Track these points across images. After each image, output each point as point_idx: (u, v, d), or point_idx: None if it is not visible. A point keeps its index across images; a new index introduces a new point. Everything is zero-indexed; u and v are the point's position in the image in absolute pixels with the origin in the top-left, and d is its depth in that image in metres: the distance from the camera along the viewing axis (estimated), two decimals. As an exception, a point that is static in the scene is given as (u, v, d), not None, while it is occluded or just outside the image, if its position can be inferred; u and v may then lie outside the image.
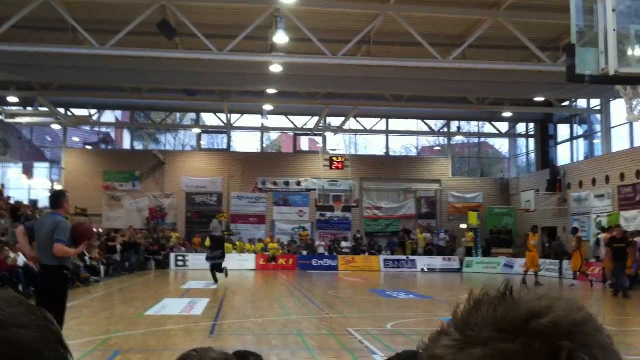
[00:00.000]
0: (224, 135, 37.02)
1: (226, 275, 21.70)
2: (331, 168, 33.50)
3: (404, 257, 33.08)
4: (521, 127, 37.58)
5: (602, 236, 24.35)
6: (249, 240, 33.71)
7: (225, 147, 37.04)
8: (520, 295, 0.67)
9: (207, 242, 23.62)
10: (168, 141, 37.87)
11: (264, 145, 37.71)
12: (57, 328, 0.66)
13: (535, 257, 22.42)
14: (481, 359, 0.61)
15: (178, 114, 37.70)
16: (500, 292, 0.67)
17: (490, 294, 0.68)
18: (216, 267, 21.77)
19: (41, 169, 36.13)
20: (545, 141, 35.64)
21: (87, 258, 22.29)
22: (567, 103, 31.83)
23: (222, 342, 9.55)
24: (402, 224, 35.87)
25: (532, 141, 37.05)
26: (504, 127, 37.62)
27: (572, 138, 32.91)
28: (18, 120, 30.92)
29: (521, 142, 38.29)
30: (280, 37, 18.07)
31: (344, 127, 33.98)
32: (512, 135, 37.92)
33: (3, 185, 31.62)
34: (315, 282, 24.16)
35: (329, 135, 35.45)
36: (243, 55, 20.14)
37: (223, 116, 34.52)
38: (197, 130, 36.46)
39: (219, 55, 19.32)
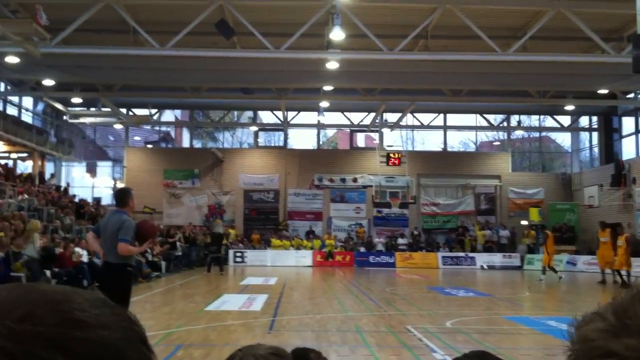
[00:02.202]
0: (280, 132, 37.27)
1: (221, 271, 24.68)
2: (388, 164, 33.30)
3: (462, 254, 32.66)
4: (584, 121, 36.58)
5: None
6: (306, 237, 33.88)
7: (282, 144, 37.28)
8: None
9: (209, 239, 27.27)
10: (226, 139, 38.34)
11: (321, 142, 37.79)
12: (141, 329, 0.67)
13: (605, 254, 21.64)
14: (634, 350, 0.60)
15: (235, 112, 38.17)
16: None
17: None
18: (215, 261, 25.02)
19: (104, 167, 37.11)
20: (609, 134, 34.62)
21: (148, 255, 22.78)
22: (631, 95, 30.82)
23: (281, 338, 9.60)
24: (461, 221, 35.42)
25: (595, 135, 36.07)
26: (566, 120, 36.70)
27: (637, 131, 31.82)
28: (82, 120, 31.89)
29: (584, 135, 37.31)
30: (337, 34, 18.04)
31: (401, 123, 33.74)
32: (574, 129, 36.95)
33: (68, 184, 32.64)
34: (372, 279, 24.07)
35: (385, 131, 35.26)
36: (299, 53, 20.21)
37: (280, 114, 34.76)
38: (254, 128, 36.83)
39: (276, 53, 19.44)
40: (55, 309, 0.61)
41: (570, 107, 31.99)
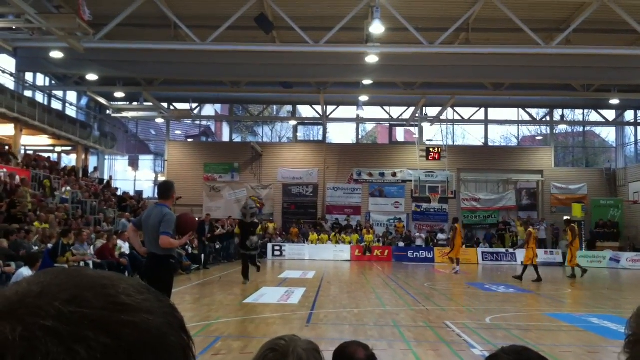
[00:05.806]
0: (319, 126, 37.30)
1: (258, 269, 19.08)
2: (427, 159, 33.07)
3: (503, 250, 32.23)
4: (629, 115, 35.74)
5: None
6: (345, 230, 33.86)
7: (320, 138, 37.31)
8: None
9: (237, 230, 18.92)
10: (265, 133, 38.55)
11: (360, 136, 37.70)
12: (181, 316, 0.70)
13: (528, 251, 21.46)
14: None
15: (275, 107, 38.33)
16: None
17: None
18: (253, 259, 18.42)
19: (146, 161, 37.68)
20: (656, 129, 33.79)
21: (189, 247, 23.04)
22: (680, 88, 29.98)
23: (319, 331, 9.62)
24: (502, 216, 34.99)
25: (641, 129, 35.22)
26: (610, 114, 35.91)
27: (686, 126, 31.00)
28: (124, 114, 32.41)
29: (629, 130, 36.44)
30: (376, 27, 17.93)
31: (441, 117, 33.42)
32: (619, 123, 36.13)
33: (111, 177, 33.24)
34: (411, 274, 23.94)
35: (425, 125, 34.98)
36: (339, 47, 20.18)
37: (319, 108, 34.76)
38: (293, 122, 36.93)
39: (315, 48, 19.44)
40: (102, 293, 0.63)
41: (615, 101, 31.30)
